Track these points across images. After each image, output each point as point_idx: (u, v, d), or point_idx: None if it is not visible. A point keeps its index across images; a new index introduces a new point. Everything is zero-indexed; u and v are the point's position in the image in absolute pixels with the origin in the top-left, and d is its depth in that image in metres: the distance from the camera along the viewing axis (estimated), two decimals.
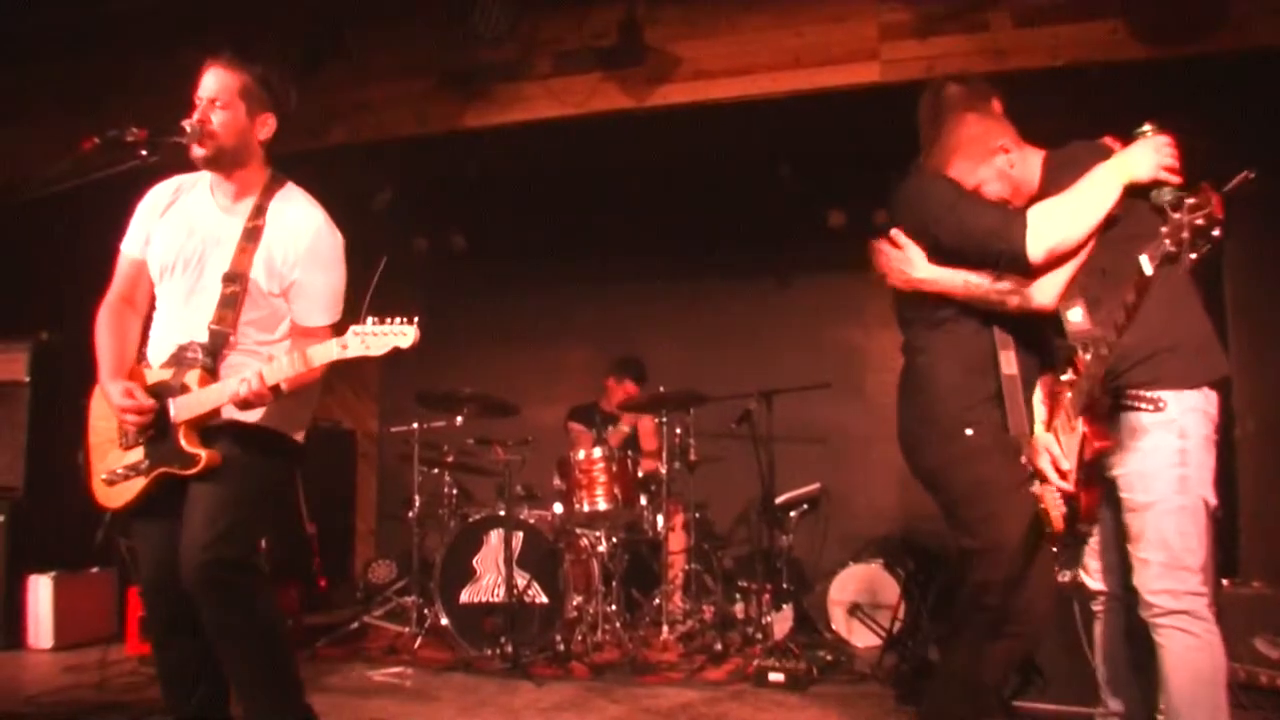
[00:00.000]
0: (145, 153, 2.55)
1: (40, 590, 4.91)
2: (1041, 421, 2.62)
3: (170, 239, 2.77)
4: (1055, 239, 2.43)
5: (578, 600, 4.88)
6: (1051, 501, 2.52)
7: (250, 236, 2.71)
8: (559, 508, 5.23)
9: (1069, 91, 4.48)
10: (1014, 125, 2.69)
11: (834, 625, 5.22)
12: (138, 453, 2.70)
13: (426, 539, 5.44)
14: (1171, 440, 2.36)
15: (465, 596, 4.86)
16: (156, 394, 2.68)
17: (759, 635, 4.89)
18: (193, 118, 2.66)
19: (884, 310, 2.91)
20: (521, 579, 4.75)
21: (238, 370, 2.63)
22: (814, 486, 5.97)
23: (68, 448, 2.91)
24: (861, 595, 5.16)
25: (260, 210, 2.74)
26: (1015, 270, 2.51)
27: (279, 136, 2.82)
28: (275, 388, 2.55)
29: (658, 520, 5.30)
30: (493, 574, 4.84)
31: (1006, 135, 2.64)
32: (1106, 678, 2.66)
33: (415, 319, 2.48)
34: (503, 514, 4.82)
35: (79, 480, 2.81)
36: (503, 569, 4.71)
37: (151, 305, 2.86)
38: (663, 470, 5.21)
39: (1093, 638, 2.74)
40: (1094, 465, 2.44)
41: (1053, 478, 2.52)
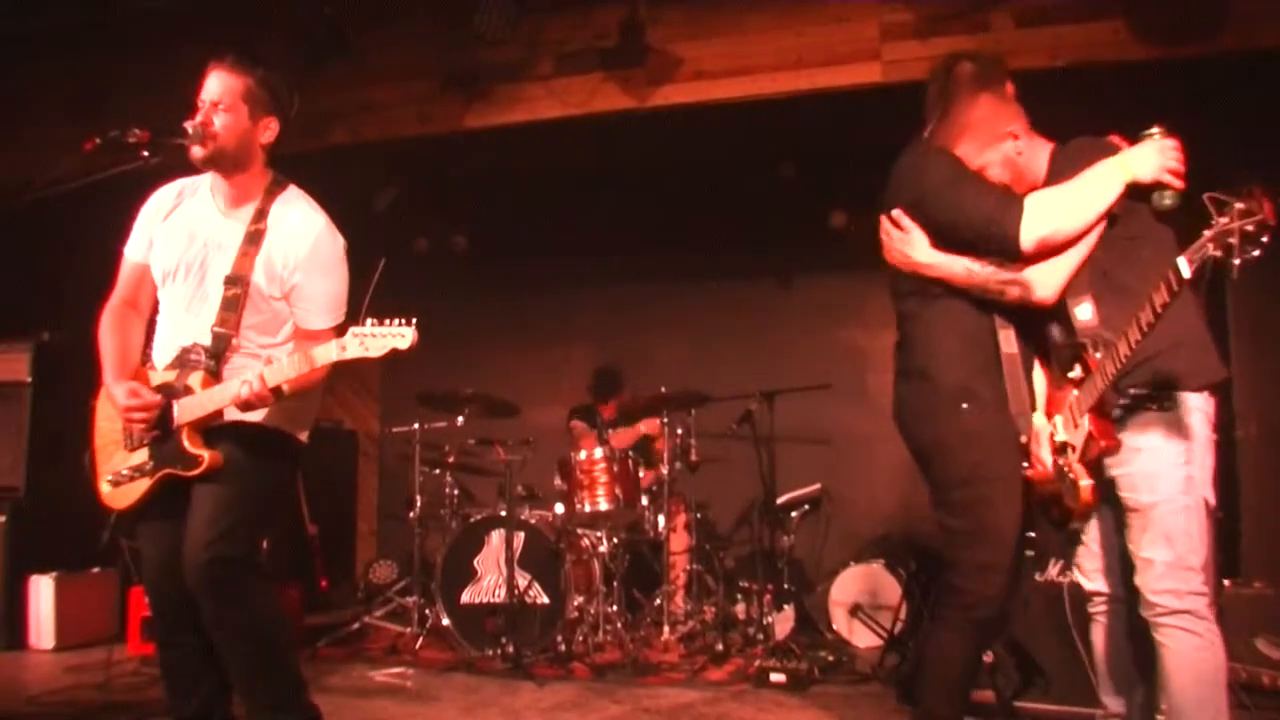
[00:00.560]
0: (147, 154, 2.55)
1: (42, 591, 4.92)
2: (1042, 408, 2.61)
3: (173, 243, 2.77)
4: (1048, 229, 2.42)
5: (579, 601, 4.88)
6: (1079, 473, 2.46)
7: (252, 240, 2.71)
8: (560, 508, 5.24)
9: (1071, 92, 4.47)
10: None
11: (835, 626, 5.22)
12: (142, 454, 2.70)
13: (428, 539, 5.43)
14: (1176, 440, 2.35)
15: (466, 597, 4.86)
16: (160, 396, 2.68)
17: (760, 636, 4.90)
18: (195, 119, 2.66)
19: (885, 311, 2.88)
20: (523, 579, 4.75)
21: (240, 373, 2.63)
22: (815, 487, 5.97)
23: (70, 448, 2.91)
24: (863, 596, 5.16)
25: (262, 214, 2.75)
26: (1004, 255, 2.49)
27: (281, 137, 2.82)
28: (277, 389, 2.56)
29: (659, 521, 5.30)
30: (494, 574, 4.84)
31: (1017, 122, 2.61)
32: (1107, 678, 2.65)
33: (413, 320, 2.48)
34: (504, 514, 4.82)
35: (81, 481, 2.82)
36: (504, 569, 4.72)
37: (154, 308, 2.86)
38: (664, 471, 5.22)
39: (1087, 638, 2.74)
40: (1094, 464, 2.43)
41: (1048, 464, 2.51)
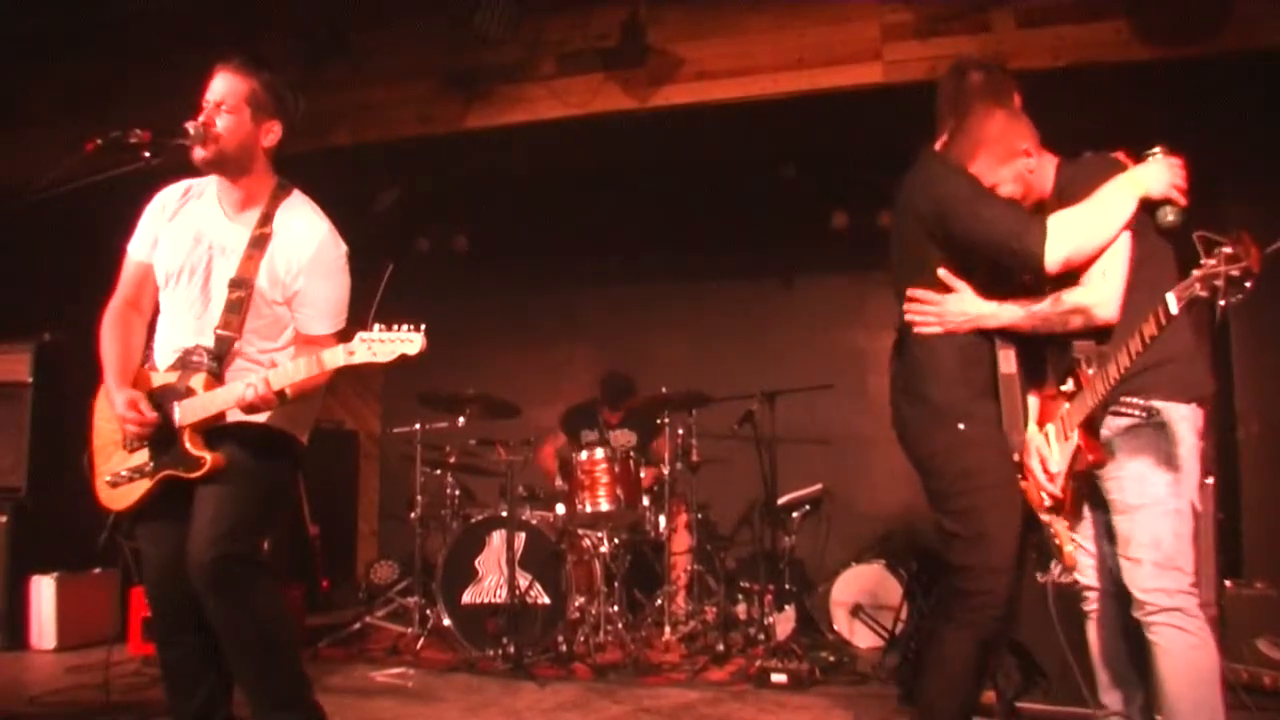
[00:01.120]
0: (148, 154, 2.55)
1: (43, 591, 4.92)
2: (1034, 420, 2.64)
3: (177, 244, 2.77)
4: (1072, 248, 2.45)
5: (580, 601, 4.88)
6: (1064, 539, 2.56)
7: (257, 244, 2.71)
8: (561, 508, 5.24)
9: (1072, 93, 4.47)
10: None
11: (836, 626, 5.21)
12: (142, 455, 2.70)
13: (429, 540, 5.42)
14: (1164, 445, 2.39)
15: (467, 597, 4.86)
16: (161, 397, 2.68)
17: (761, 636, 4.90)
18: (197, 119, 2.66)
19: (886, 311, 2.90)
20: (524, 580, 4.75)
21: (242, 376, 2.63)
22: (816, 487, 5.96)
23: (71, 449, 2.91)
24: (864, 596, 5.16)
25: (267, 219, 2.75)
26: (1027, 273, 2.53)
27: (283, 139, 2.82)
28: (280, 393, 2.55)
29: (660, 521, 5.30)
30: (495, 575, 4.84)
31: (1029, 139, 2.64)
32: (1105, 677, 2.67)
33: (422, 327, 2.49)
34: (505, 515, 4.82)
35: (82, 481, 2.81)
36: (505, 570, 4.72)
37: (156, 309, 2.86)
38: (666, 471, 5.21)
39: (1074, 637, 2.75)
40: (1084, 475, 2.48)
41: (1040, 478, 2.56)
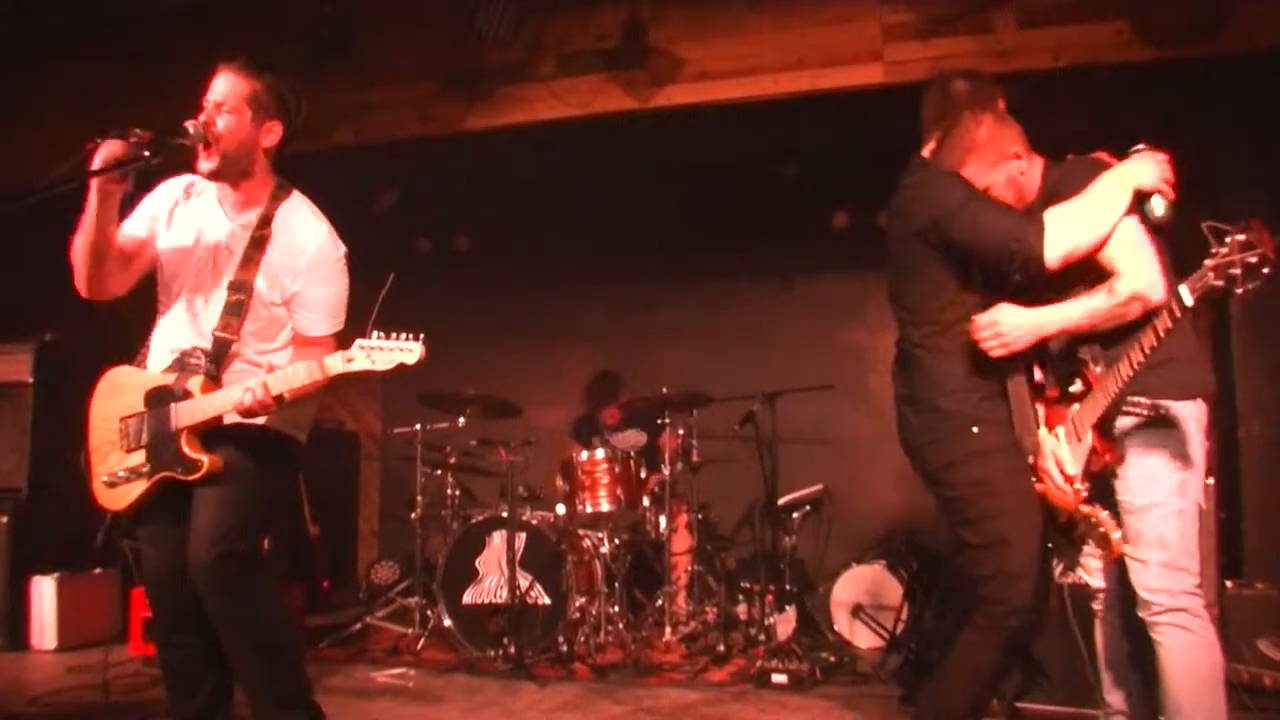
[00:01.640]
0: (148, 154, 2.54)
1: (44, 591, 4.92)
2: (1042, 423, 2.63)
3: (178, 243, 2.77)
4: (1070, 244, 2.46)
5: (580, 601, 4.88)
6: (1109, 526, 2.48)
7: (256, 246, 2.71)
8: (562, 509, 5.23)
9: (1073, 93, 4.47)
10: (1020, 126, 2.71)
11: (837, 626, 5.21)
12: (139, 456, 2.69)
13: (429, 540, 5.42)
14: (1172, 445, 2.41)
15: (468, 598, 4.86)
16: (158, 399, 2.67)
17: (762, 636, 4.89)
18: (198, 119, 2.66)
19: (887, 311, 2.90)
20: (524, 580, 4.75)
21: (239, 378, 2.63)
22: (817, 487, 5.96)
23: (72, 449, 2.91)
24: (865, 596, 5.16)
25: (267, 220, 2.75)
26: (1027, 272, 2.53)
27: (286, 140, 2.81)
28: (279, 398, 2.55)
29: (661, 521, 5.29)
30: (495, 575, 4.84)
31: (1019, 142, 2.66)
32: (1109, 677, 2.68)
33: (421, 336, 2.49)
34: (505, 515, 4.82)
35: (83, 482, 2.81)
36: (505, 570, 4.72)
37: (154, 310, 2.86)
38: (666, 472, 5.21)
39: (1091, 638, 2.75)
40: (1097, 475, 2.48)
41: (1057, 479, 2.53)
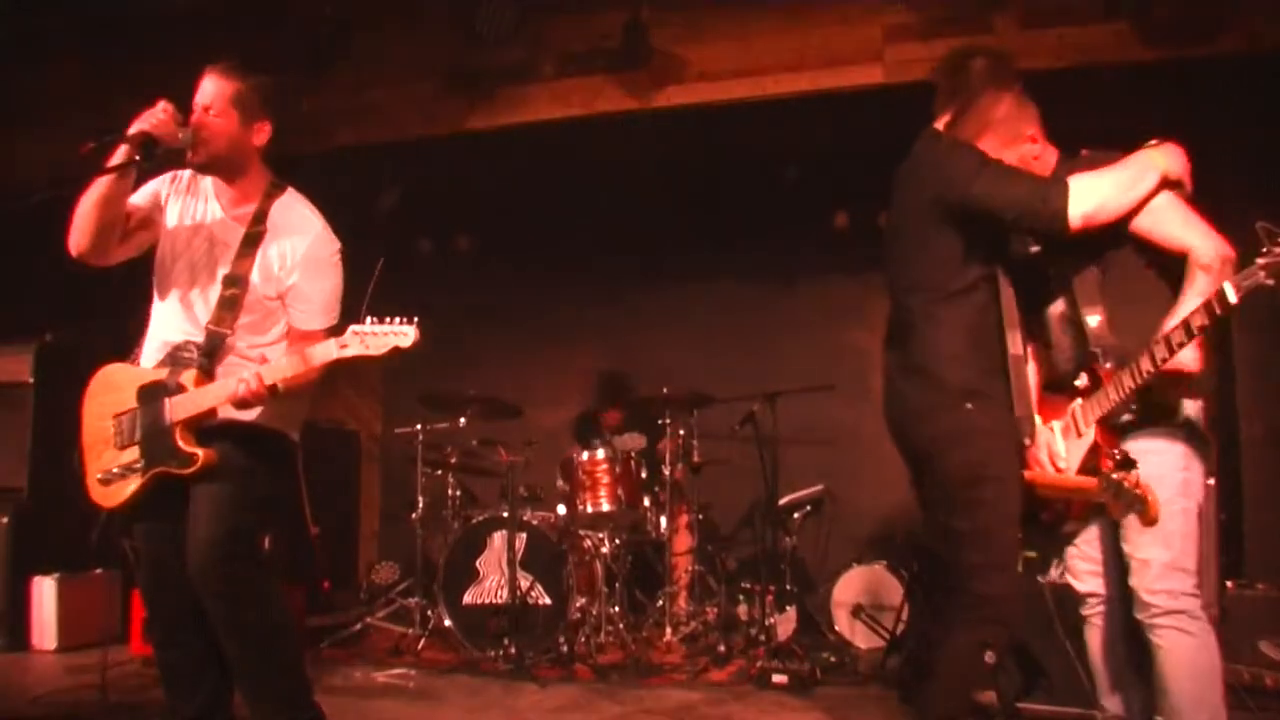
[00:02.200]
0: (139, 157, 2.56)
1: (44, 591, 4.92)
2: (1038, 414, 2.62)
3: (175, 235, 2.79)
4: (1094, 203, 2.41)
5: (581, 602, 4.87)
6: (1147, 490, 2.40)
7: (251, 241, 2.74)
8: (562, 509, 5.23)
9: (1073, 93, 4.46)
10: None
11: (837, 627, 5.21)
12: (133, 452, 2.70)
13: (430, 540, 5.42)
14: (1175, 445, 2.41)
15: (469, 598, 4.86)
16: (151, 394, 2.68)
17: (762, 637, 4.88)
18: (187, 123, 2.68)
19: (888, 312, 2.89)
20: (525, 580, 4.75)
21: (233, 372, 2.64)
22: (817, 488, 5.95)
23: (72, 449, 2.91)
24: (865, 597, 5.15)
25: (262, 216, 2.77)
26: (1049, 232, 2.49)
27: (285, 137, 2.83)
28: (272, 388, 2.56)
29: (661, 522, 5.29)
30: (496, 575, 4.84)
31: (1035, 126, 2.64)
32: (1105, 679, 2.67)
33: (415, 319, 2.48)
34: (506, 515, 4.82)
35: (80, 481, 2.82)
36: (506, 570, 4.71)
37: (150, 308, 2.86)
38: (667, 472, 5.21)
39: (1079, 639, 2.74)
40: (1094, 472, 2.45)
41: (1049, 470, 2.54)
